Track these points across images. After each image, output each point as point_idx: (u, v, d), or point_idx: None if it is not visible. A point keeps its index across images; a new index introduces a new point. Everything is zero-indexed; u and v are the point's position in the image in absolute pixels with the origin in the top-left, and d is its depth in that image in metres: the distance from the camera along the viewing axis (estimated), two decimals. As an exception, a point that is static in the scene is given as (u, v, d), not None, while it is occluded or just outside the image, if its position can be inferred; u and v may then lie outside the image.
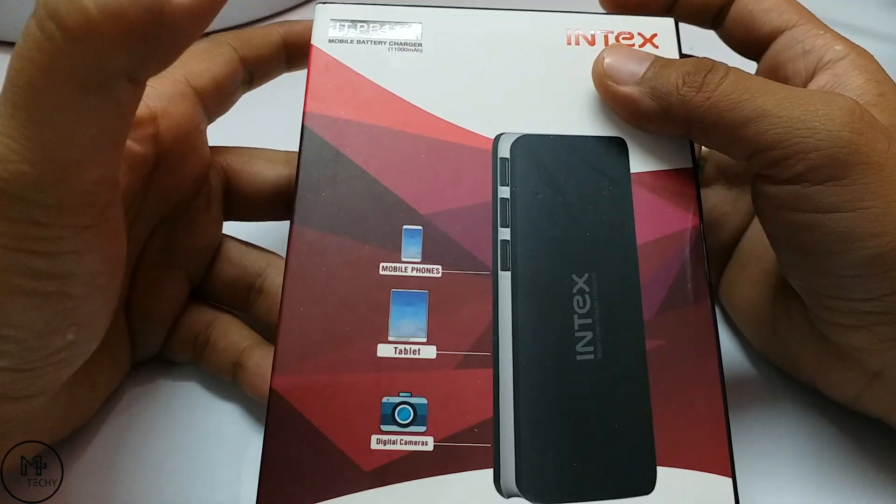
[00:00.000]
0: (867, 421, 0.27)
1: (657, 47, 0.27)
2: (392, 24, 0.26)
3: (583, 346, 0.23)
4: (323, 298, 0.23)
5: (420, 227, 0.24)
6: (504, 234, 0.24)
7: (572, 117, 0.25)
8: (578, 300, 0.23)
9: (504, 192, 0.24)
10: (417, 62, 0.26)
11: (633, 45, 0.27)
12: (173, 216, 0.27)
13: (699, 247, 0.24)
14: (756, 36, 0.27)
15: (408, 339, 0.23)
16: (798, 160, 0.22)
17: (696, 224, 0.24)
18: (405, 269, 0.23)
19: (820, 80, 0.25)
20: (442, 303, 0.23)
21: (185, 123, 0.25)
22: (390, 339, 0.23)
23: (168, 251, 0.27)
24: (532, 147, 0.25)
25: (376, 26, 0.26)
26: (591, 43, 0.27)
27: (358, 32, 0.26)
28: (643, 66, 0.24)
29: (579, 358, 0.23)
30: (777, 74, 0.27)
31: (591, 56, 0.26)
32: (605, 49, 0.25)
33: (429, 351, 0.23)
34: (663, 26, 0.27)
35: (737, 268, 0.30)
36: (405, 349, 0.22)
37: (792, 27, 0.26)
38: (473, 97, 0.25)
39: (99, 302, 0.22)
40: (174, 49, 0.19)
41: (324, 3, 0.27)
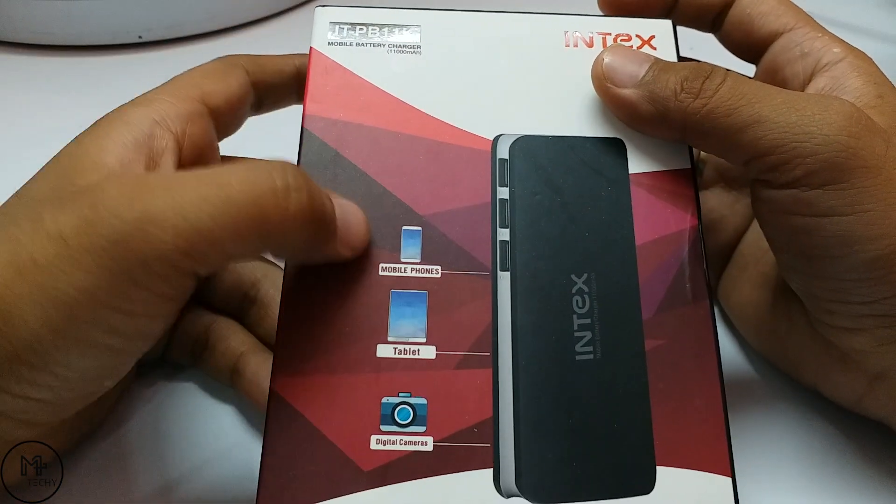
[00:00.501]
0: (867, 422, 0.27)
1: (655, 49, 0.27)
2: (391, 27, 0.27)
3: (582, 346, 0.23)
4: (322, 299, 0.23)
5: (419, 228, 0.24)
6: (503, 235, 0.24)
7: (571, 118, 0.26)
8: (577, 300, 0.23)
9: (503, 193, 0.24)
10: (416, 64, 0.26)
11: (632, 48, 0.27)
12: None
13: (698, 247, 0.24)
14: (754, 39, 0.27)
15: (407, 340, 0.23)
16: (796, 165, 0.22)
17: (695, 224, 0.24)
18: (404, 270, 0.23)
19: (818, 83, 0.25)
20: (441, 303, 0.23)
21: (202, 142, 0.25)
22: (390, 340, 0.23)
23: None
24: (531, 148, 0.25)
25: (375, 29, 0.27)
26: (590, 45, 0.27)
27: (357, 35, 0.26)
28: (642, 69, 0.24)
29: (578, 358, 0.23)
30: (775, 77, 0.27)
31: (590, 58, 0.26)
32: (605, 50, 0.25)
33: (428, 351, 0.23)
34: (661, 28, 0.27)
35: (736, 270, 0.30)
36: (405, 349, 0.23)
37: (790, 30, 0.26)
38: (472, 99, 0.26)
39: (140, 356, 0.22)
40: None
41: (323, 6, 0.27)
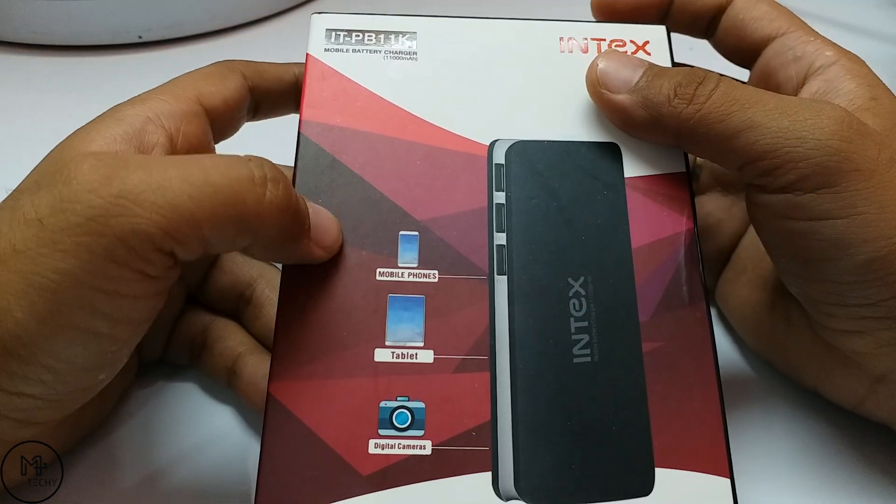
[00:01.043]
0: (866, 422, 0.27)
1: (649, 54, 0.27)
2: (387, 34, 0.27)
3: (579, 349, 0.23)
4: (320, 304, 0.23)
5: (416, 233, 0.24)
6: (500, 239, 0.24)
7: (566, 123, 0.26)
8: (574, 303, 0.23)
9: (500, 198, 0.25)
10: (413, 71, 0.26)
11: (626, 53, 0.27)
12: None
13: (693, 250, 0.24)
14: (747, 44, 0.27)
15: (405, 344, 0.23)
16: (789, 169, 0.22)
17: (691, 227, 0.24)
18: (402, 275, 0.23)
19: (812, 86, 0.25)
20: (439, 307, 0.23)
21: (197, 142, 0.25)
22: (387, 344, 0.23)
23: None
24: (527, 153, 0.25)
25: (371, 36, 0.27)
26: (584, 50, 0.27)
27: (353, 42, 0.27)
28: (636, 75, 0.25)
29: (576, 360, 0.23)
30: (769, 81, 0.27)
31: (584, 63, 0.26)
32: (600, 55, 0.26)
33: (426, 355, 0.23)
34: (655, 34, 0.27)
35: (734, 273, 0.30)
36: (402, 354, 0.23)
37: (782, 34, 0.27)
38: (468, 104, 0.26)
39: (134, 346, 0.22)
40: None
41: (319, 14, 0.27)
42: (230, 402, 0.28)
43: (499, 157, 0.25)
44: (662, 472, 0.21)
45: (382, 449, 0.21)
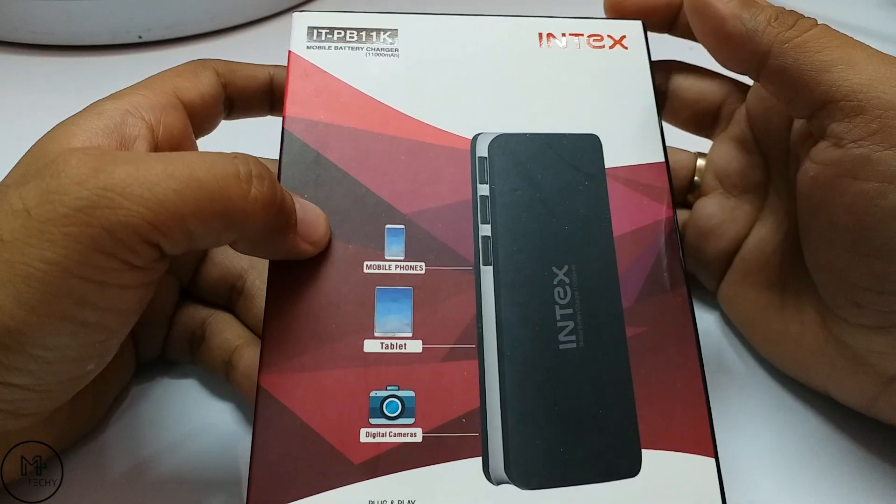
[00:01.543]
0: (876, 424, 0.27)
1: (627, 48, 0.28)
2: (369, 31, 0.27)
3: (565, 336, 0.23)
4: (308, 297, 0.23)
5: (402, 226, 0.24)
6: (485, 231, 0.24)
7: (547, 116, 0.26)
8: (559, 291, 0.24)
9: (483, 190, 0.25)
10: (395, 67, 0.27)
11: (604, 47, 0.28)
12: None
13: (673, 237, 0.25)
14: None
15: (393, 335, 0.23)
16: (875, 116, 0.21)
17: (670, 216, 0.25)
18: (389, 267, 0.24)
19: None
20: (426, 298, 0.23)
21: (179, 133, 0.25)
22: (376, 335, 0.23)
23: None
24: (509, 145, 0.26)
25: (353, 33, 0.27)
26: (563, 45, 0.27)
27: (335, 39, 0.27)
28: None
29: (562, 346, 0.23)
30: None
31: (564, 57, 0.26)
32: None
33: (415, 345, 0.23)
34: (632, 29, 0.28)
35: (739, 276, 0.30)
36: (391, 344, 0.23)
37: None
38: (450, 99, 0.26)
39: (122, 338, 0.22)
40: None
41: (301, 12, 0.27)
42: (230, 399, 0.28)
43: (482, 151, 0.25)
44: (649, 454, 0.22)
45: (374, 437, 0.22)
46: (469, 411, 0.22)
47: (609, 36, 0.28)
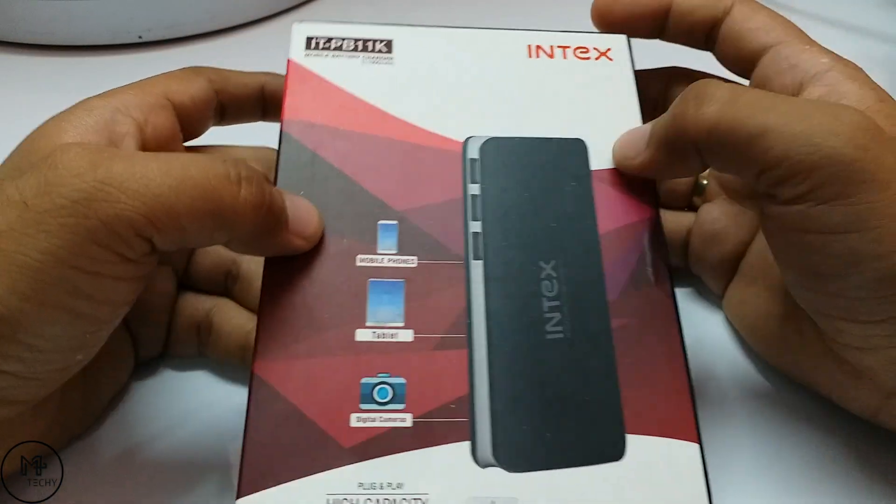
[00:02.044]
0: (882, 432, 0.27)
1: (612, 60, 0.29)
2: (365, 41, 0.28)
3: (552, 326, 0.24)
4: (302, 288, 0.24)
5: (395, 222, 0.25)
6: (475, 227, 0.25)
7: (535, 121, 0.27)
8: (546, 284, 0.24)
9: (474, 189, 0.26)
10: (390, 74, 0.28)
11: (590, 59, 0.29)
12: None
13: (657, 234, 0.26)
14: (745, 54, 0.27)
15: (385, 325, 0.24)
16: (802, 179, 0.21)
17: (654, 214, 0.26)
18: (382, 261, 0.24)
19: (813, 92, 0.25)
20: (418, 290, 0.24)
21: (167, 133, 0.26)
22: (368, 325, 0.23)
23: None
24: (499, 148, 0.27)
25: (350, 42, 0.28)
26: (551, 56, 0.29)
27: (332, 48, 0.28)
28: (644, 133, 0.25)
29: (549, 337, 0.24)
30: (765, 90, 0.26)
31: (551, 66, 0.28)
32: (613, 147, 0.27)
33: (406, 334, 0.23)
34: (616, 42, 0.29)
35: (744, 283, 0.30)
36: (383, 333, 0.23)
37: (778, 44, 0.26)
38: (443, 105, 0.27)
39: (111, 330, 0.23)
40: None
41: (300, 22, 0.29)
42: (229, 397, 0.28)
43: (473, 153, 0.26)
44: (633, 438, 0.22)
45: (364, 422, 0.22)
46: (458, 398, 0.23)
47: (595, 48, 0.29)
